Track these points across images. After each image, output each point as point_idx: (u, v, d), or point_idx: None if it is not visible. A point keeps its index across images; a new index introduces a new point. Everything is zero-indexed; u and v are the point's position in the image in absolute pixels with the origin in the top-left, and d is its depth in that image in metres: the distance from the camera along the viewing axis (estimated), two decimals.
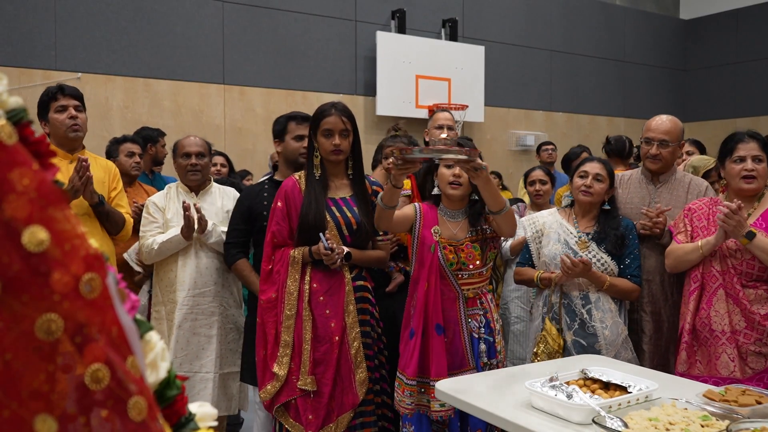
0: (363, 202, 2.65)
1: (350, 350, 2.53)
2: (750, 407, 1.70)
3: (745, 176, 2.50)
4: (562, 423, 1.72)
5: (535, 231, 2.91)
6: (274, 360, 2.56)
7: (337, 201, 2.62)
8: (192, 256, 3.05)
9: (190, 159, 3.11)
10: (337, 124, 2.56)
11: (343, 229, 2.59)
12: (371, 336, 2.63)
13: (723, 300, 2.49)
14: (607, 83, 9.69)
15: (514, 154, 8.62)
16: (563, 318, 2.72)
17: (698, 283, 2.55)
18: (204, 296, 3.05)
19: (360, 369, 2.54)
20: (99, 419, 0.48)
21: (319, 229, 2.54)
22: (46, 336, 0.47)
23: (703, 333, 2.52)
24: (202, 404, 0.66)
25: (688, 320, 2.54)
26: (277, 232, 2.62)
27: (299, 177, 2.68)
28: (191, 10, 6.53)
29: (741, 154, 2.51)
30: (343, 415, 2.51)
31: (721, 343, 2.46)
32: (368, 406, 2.59)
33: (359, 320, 2.57)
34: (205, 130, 6.41)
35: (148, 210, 3.15)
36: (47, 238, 0.47)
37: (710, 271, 2.53)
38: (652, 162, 2.94)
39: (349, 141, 2.62)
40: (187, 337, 3.02)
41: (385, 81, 7.38)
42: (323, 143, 2.58)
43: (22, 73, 5.72)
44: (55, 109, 2.91)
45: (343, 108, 2.62)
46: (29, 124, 0.52)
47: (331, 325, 2.52)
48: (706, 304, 2.53)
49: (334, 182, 2.66)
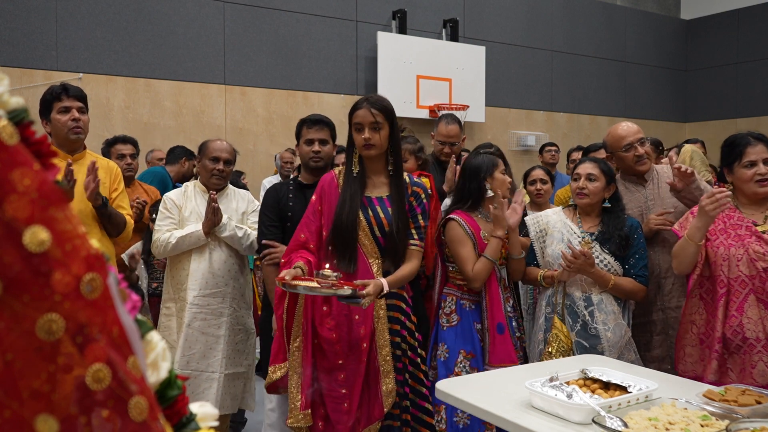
0: (399, 202, 2.51)
1: (378, 357, 2.43)
2: (750, 407, 1.70)
3: (759, 180, 2.43)
4: (562, 423, 1.72)
5: (539, 230, 2.90)
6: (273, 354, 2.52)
7: (372, 200, 2.51)
8: (206, 255, 3.07)
9: (218, 164, 3.13)
10: (366, 117, 2.44)
11: (375, 230, 2.48)
12: (401, 347, 2.50)
13: (755, 305, 2.35)
14: (608, 83, 9.69)
15: (515, 154, 8.61)
16: (566, 319, 2.71)
17: (725, 288, 2.42)
18: (215, 297, 3.06)
19: (387, 379, 2.43)
20: (100, 419, 0.48)
21: (352, 229, 2.43)
22: (47, 336, 0.47)
23: (735, 341, 2.38)
24: (203, 404, 0.66)
25: (718, 328, 2.40)
26: (305, 225, 2.52)
27: (338, 172, 2.58)
28: (192, 10, 6.54)
29: (752, 159, 2.44)
30: (369, 426, 2.42)
31: (756, 351, 2.33)
32: (395, 422, 2.46)
33: (389, 329, 2.47)
34: (206, 130, 6.41)
35: (165, 205, 3.16)
36: (48, 239, 0.47)
37: (738, 276, 2.40)
38: (641, 164, 2.96)
39: (383, 135, 2.46)
40: (195, 336, 3.03)
41: (385, 81, 7.38)
42: (355, 137, 2.49)
43: (24, 73, 5.73)
44: (58, 109, 2.92)
45: (375, 101, 2.49)
46: (30, 125, 0.52)
47: (360, 331, 2.43)
48: (737, 311, 2.38)
49: (373, 180, 2.54)
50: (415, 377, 2.53)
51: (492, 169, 2.83)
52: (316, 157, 2.94)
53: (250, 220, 3.19)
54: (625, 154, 2.95)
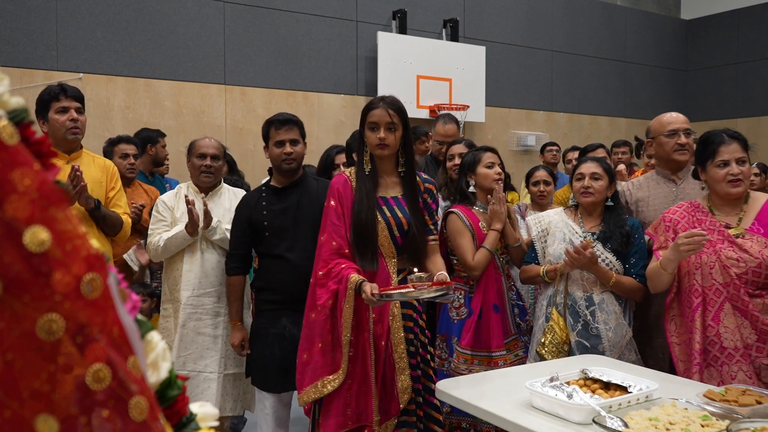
0: (413, 201, 2.53)
1: (394, 354, 2.46)
2: (750, 407, 1.70)
3: (731, 180, 2.38)
4: (562, 423, 1.72)
5: (541, 230, 2.91)
6: (319, 368, 2.45)
7: (387, 200, 2.52)
8: (198, 255, 3.05)
9: (205, 160, 3.11)
10: (383, 116, 2.45)
11: (394, 230, 2.49)
12: (414, 344, 2.53)
13: (731, 314, 2.30)
14: (609, 83, 9.68)
15: (515, 154, 8.61)
16: (567, 318, 2.72)
17: (700, 298, 2.36)
18: (209, 296, 3.05)
19: (403, 375, 2.45)
20: (100, 419, 0.48)
21: (372, 226, 2.44)
22: (48, 336, 0.47)
23: (713, 352, 2.33)
24: (203, 404, 0.66)
25: (697, 340, 2.34)
26: (334, 232, 2.48)
27: (350, 173, 2.57)
28: (192, 10, 6.54)
29: (724, 158, 2.38)
30: (386, 422, 2.44)
31: (735, 360, 2.28)
32: (410, 417, 2.50)
33: (403, 326, 2.49)
34: (206, 130, 6.41)
35: (157, 209, 3.17)
36: (48, 239, 0.47)
37: (712, 285, 2.35)
38: (682, 153, 2.86)
39: (397, 136, 2.48)
40: (191, 337, 3.02)
41: (386, 81, 7.38)
42: (369, 136, 2.49)
43: (24, 73, 5.72)
44: (56, 109, 2.91)
45: (392, 101, 2.50)
46: (31, 125, 0.52)
47: (378, 330, 2.45)
48: (713, 321, 2.33)
49: (384, 179, 2.55)
50: (425, 373, 2.58)
51: (474, 165, 3.02)
52: (289, 159, 2.87)
53: None
54: (668, 139, 2.88)
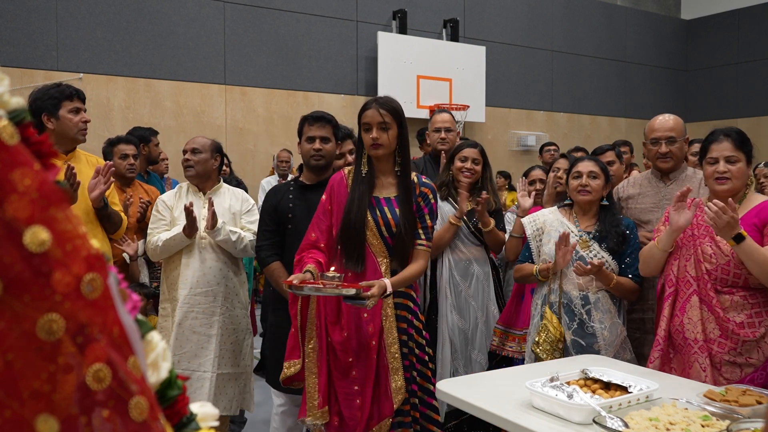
0: (406, 203, 2.53)
1: (387, 355, 2.47)
2: (750, 407, 1.71)
3: (717, 178, 2.43)
4: (563, 423, 1.72)
5: (536, 229, 2.92)
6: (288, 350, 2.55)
7: (380, 201, 2.54)
8: (196, 255, 3.06)
9: (186, 154, 3.14)
10: (374, 117, 2.46)
11: (383, 230, 2.50)
12: (408, 345, 2.53)
13: (697, 307, 2.38)
14: (609, 83, 9.69)
15: (515, 154, 8.62)
16: (562, 318, 2.73)
17: (673, 288, 2.46)
18: (206, 296, 3.05)
19: (397, 376, 2.46)
20: (100, 419, 0.48)
21: (360, 230, 2.45)
22: (48, 336, 0.47)
23: (677, 340, 2.43)
24: (203, 404, 0.66)
25: (663, 326, 2.46)
26: (316, 225, 2.54)
27: (348, 172, 2.60)
28: (193, 10, 6.54)
29: (714, 156, 2.44)
30: (380, 423, 2.45)
31: (693, 351, 2.36)
32: (405, 418, 2.49)
33: (397, 327, 2.50)
34: (206, 130, 6.41)
35: (157, 208, 3.18)
36: (49, 239, 0.47)
37: (685, 276, 2.44)
38: (663, 161, 2.93)
39: (390, 135, 2.48)
40: (186, 336, 3.02)
41: (386, 81, 7.38)
42: (364, 137, 2.50)
43: (24, 73, 5.73)
44: (69, 109, 2.95)
45: (384, 101, 2.51)
46: (31, 125, 0.52)
47: (369, 329, 2.46)
48: (679, 311, 2.43)
49: (381, 180, 2.56)
50: (422, 375, 2.57)
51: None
52: (317, 155, 2.91)
53: (244, 219, 3.18)
54: (651, 146, 2.97)
